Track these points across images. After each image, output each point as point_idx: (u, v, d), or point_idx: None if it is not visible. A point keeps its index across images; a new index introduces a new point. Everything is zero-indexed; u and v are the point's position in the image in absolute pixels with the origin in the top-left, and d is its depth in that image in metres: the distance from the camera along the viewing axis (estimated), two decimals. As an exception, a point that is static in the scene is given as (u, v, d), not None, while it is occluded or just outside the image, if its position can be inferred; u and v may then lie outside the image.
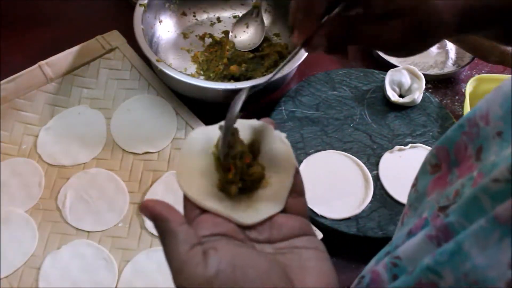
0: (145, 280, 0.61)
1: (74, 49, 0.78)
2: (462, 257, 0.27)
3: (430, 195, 0.38)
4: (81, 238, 0.64)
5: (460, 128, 0.36)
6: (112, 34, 0.81)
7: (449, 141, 0.37)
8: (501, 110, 0.32)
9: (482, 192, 0.27)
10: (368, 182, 0.69)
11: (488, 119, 0.33)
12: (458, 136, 0.36)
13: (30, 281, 0.61)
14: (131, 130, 0.73)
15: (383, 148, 0.73)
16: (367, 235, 0.65)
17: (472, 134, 0.35)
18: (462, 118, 0.36)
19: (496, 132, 0.32)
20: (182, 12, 0.87)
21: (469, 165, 0.34)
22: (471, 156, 0.34)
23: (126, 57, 0.80)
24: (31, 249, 0.63)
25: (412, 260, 0.33)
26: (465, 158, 0.35)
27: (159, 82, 0.77)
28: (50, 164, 0.70)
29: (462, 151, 0.35)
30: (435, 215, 0.33)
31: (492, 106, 0.33)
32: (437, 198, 0.36)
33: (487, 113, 0.33)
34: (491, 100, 0.33)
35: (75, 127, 0.73)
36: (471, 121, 0.35)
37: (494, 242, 0.25)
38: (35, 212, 0.66)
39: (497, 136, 0.32)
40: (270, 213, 0.34)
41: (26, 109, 0.74)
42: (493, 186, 0.27)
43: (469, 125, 0.35)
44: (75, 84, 0.77)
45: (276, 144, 0.36)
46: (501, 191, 0.26)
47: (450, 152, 0.37)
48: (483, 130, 0.33)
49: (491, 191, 0.27)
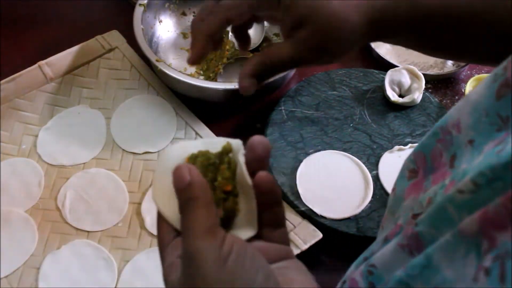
0: (145, 280, 0.61)
1: (74, 49, 0.79)
2: (432, 271, 0.27)
3: (406, 200, 0.38)
4: (81, 238, 0.64)
5: (434, 135, 0.36)
6: (112, 34, 0.81)
7: (425, 148, 0.37)
8: (470, 119, 0.32)
9: (448, 202, 0.28)
10: (368, 182, 0.69)
11: (460, 127, 0.33)
12: (433, 143, 0.36)
13: (30, 281, 0.61)
14: (131, 130, 0.73)
15: (383, 148, 0.73)
16: (367, 235, 0.65)
17: (446, 142, 0.35)
18: (436, 126, 0.36)
19: (468, 140, 0.32)
20: (182, 12, 0.87)
21: (443, 172, 0.34)
22: (445, 164, 0.34)
23: (126, 57, 0.80)
24: (31, 249, 0.63)
25: (387, 269, 0.33)
26: (441, 165, 0.35)
27: (159, 82, 0.77)
28: (50, 164, 0.70)
29: (438, 157, 0.36)
30: (409, 222, 0.34)
31: (462, 115, 0.33)
32: (412, 205, 0.36)
33: (458, 122, 0.33)
34: (461, 109, 0.33)
35: (75, 127, 0.73)
36: (444, 129, 0.35)
37: (460, 255, 0.26)
38: (35, 212, 0.66)
39: (469, 144, 0.32)
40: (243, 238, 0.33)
41: (26, 109, 0.74)
42: (458, 197, 0.27)
43: (442, 133, 0.35)
44: (75, 84, 0.77)
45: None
46: (466, 201, 0.27)
47: (427, 158, 0.37)
48: (456, 138, 0.34)
49: (457, 202, 0.27)
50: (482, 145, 0.30)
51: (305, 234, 0.63)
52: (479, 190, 0.26)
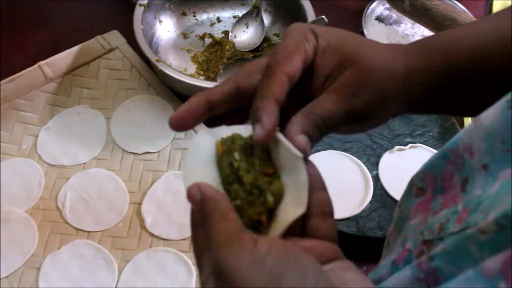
0: (145, 280, 0.61)
1: (74, 49, 0.79)
2: None
3: (412, 219, 0.37)
4: (81, 238, 0.64)
5: (444, 157, 0.36)
6: (112, 34, 0.81)
7: (435, 168, 0.37)
8: (484, 144, 0.32)
9: (469, 241, 0.27)
10: (368, 182, 0.69)
11: (473, 152, 0.33)
12: (443, 165, 0.36)
13: (30, 281, 0.61)
14: (131, 130, 0.73)
15: (383, 148, 0.73)
16: (367, 235, 0.65)
17: (457, 164, 0.34)
18: (444, 148, 0.35)
19: (482, 165, 0.32)
20: (182, 12, 0.87)
21: (454, 195, 0.34)
22: (456, 186, 0.34)
23: (126, 57, 0.80)
24: (31, 249, 0.63)
25: None
26: (451, 186, 0.35)
27: (159, 82, 0.77)
28: (50, 164, 0.70)
29: (449, 179, 0.35)
30: (419, 249, 0.33)
31: (475, 140, 0.32)
32: (420, 227, 0.35)
33: (471, 146, 0.33)
34: (473, 134, 0.33)
35: (75, 127, 0.73)
36: (455, 152, 0.34)
37: None
38: (35, 212, 0.66)
39: (483, 169, 0.31)
40: (290, 219, 0.30)
41: (26, 109, 0.74)
42: (480, 237, 0.27)
43: (453, 156, 0.35)
44: (75, 84, 0.77)
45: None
46: (488, 241, 0.26)
47: (438, 178, 0.36)
48: (468, 162, 0.33)
49: (479, 241, 0.27)
50: (497, 171, 0.30)
51: (305, 234, 0.63)
52: (502, 230, 0.25)
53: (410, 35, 0.90)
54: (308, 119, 0.34)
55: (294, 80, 0.34)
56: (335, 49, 0.35)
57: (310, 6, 0.79)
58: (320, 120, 0.34)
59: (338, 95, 0.35)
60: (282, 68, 0.34)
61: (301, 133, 0.33)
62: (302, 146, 0.32)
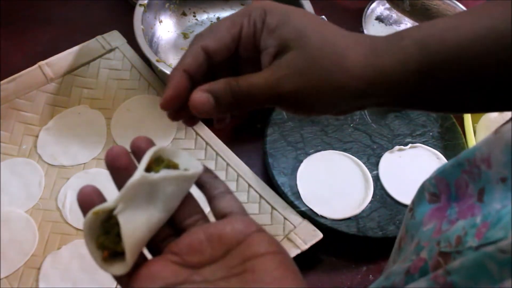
0: (145, 280, 0.61)
1: (74, 49, 0.78)
2: None
3: (426, 225, 0.37)
4: (81, 238, 0.64)
5: (459, 166, 0.35)
6: (112, 34, 0.81)
7: (448, 175, 0.36)
8: (504, 157, 0.31)
9: (488, 259, 0.27)
10: (368, 182, 0.69)
11: (490, 163, 0.32)
12: (458, 173, 0.35)
13: (30, 281, 0.61)
14: (131, 130, 0.73)
15: (383, 148, 0.73)
16: (367, 235, 0.65)
17: (473, 174, 0.34)
18: (460, 156, 0.35)
19: (500, 177, 0.31)
20: (182, 12, 0.87)
21: (471, 205, 0.33)
22: (472, 196, 0.33)
23: (126, 57, 0.80)
24: (31, 249, 0.63)
25: None
26: (466, 195, 0.34)
27: (159, 82, 0.77)
28: (50, 164, 0.70)
29: (463, 188, 0.35)
30: (436, 261, 0.33)
31: (494, 151, 0.32)
32: (436, 235, 0.35)
33: (489, 157, 0.32)
34: (492, 145, 0.32)
35: (75, 127, 0.73)
36: (471, 161, 0.34)
37: None
38: (35, 212, 0.66)
39: (501, 182, 0.31)
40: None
41: (26, 109, 0.74)
42: (500, 256, 0.26)
43: (469, 165, 0.34)
44: (75, 84, 0.77)
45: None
46: (508, 260, 0.26)
47: (451, 186, 0.36)
48: (485, 173, 0.33)
49: (498, 260, 0.27)
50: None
51: (305, 234, 0.63)
52: None
53: (410, 35, 0.90)
54: (225, 83, 0.34)
55: (215, 53, 0.35)
56: (283, 28, 0.34)
57: (310, 6, 0.79)
58: (238, 88, 0.34)
59: (271, 75, 0.34)
60: (200, 42, 0.35)
61: (205, 92, 0.34)
62: (198, 102, 0.34)
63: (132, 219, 0.31)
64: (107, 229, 0.32)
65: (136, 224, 0.31)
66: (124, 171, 0.33)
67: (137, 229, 0.31)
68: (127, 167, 0.33)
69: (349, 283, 0.65)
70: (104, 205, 0.32)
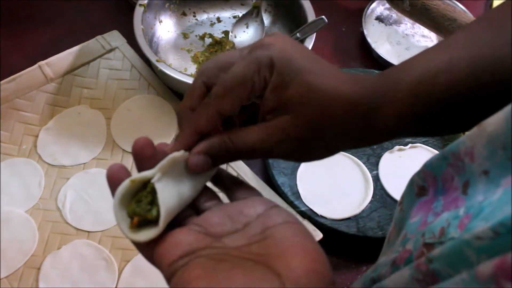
0: (145, 280, 0.61)
1: (74, 49, 0.79)
2: None
3: (412, 218, 0.38)
4: (81, 238, 0.64)
5: (444, 159, 0.36)
6: (112, 34, 0.81)
7: (435, 169, 0.37)
8: (485, 151, 0.32)
9: (466, 246, 0.28)
10: (368, 182, 0.69)
11: (473, 156, 0.33)
12: (444, 166, 0.36)
13: (30, 281, 0.61)
14: (131, 130, 0.73)
15: (383, 148, 0.73)
16: (367, 235, 0.65)
17: (458, 167, 0.34)
18: (445, 150, 0.36)
19: (483, 170, 0.32)
20: (182, 12, 0.87)
21: (455, 197, 0.34)
22: (457, 188, 0.34)
23: (126, 57, 0.80)
24: (31, 249, 0.63)
25: None
26: (452, 188, 0.35)
27: (159, 82, 0.77)
28: (50, 164, 0.70)
29: (449, 181, 0.35)
30: (420, 252, 0.33)
31: (477, 144, 0.32)
32: (421, 227, 0.35)
33: (472, 151, 0.33)
34: (475, 139, 0.33)
35: (75, 127, 0.73)
36: (456, 155, 0.34)
37: None
38: (35, 212, 0.66)
39: (484, 175, 0.32)
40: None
41: (26, 109, 0.74)
42: (476, 242, 0.27)
43: (453, 159, 0.35)
44: (75, 84, 0.77)
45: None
46: (485, 247, 0.27)
47: (438, 179, 0.37)
48: (468, 166, 0.33)
49: (475, 247, 0.27)
50: (498, 178, 0.30)
51: (305, 234, 0.63)
52: (499, 237, 0.26)
53: (410, 35, 0.90)
54: (219, 142, 0.37)
55: (231, 113, 0.37)
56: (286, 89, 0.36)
57: (310, 6, 0.79)
58: (233, 146, 0.37)
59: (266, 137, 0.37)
60: (216, 105, 0.36)
61: (204, 154, 0.36)
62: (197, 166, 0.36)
63: (166, 189, 0.34)
64: (139, 198, 0.35)
65: (170, 193, 0.34)
66: (150, 159, 0.36)
67: (171, 198, 0.34)
68: (153, 156, 0.36)
69: (349, 283, 0.65)
70: (142, 173, 0.35)
